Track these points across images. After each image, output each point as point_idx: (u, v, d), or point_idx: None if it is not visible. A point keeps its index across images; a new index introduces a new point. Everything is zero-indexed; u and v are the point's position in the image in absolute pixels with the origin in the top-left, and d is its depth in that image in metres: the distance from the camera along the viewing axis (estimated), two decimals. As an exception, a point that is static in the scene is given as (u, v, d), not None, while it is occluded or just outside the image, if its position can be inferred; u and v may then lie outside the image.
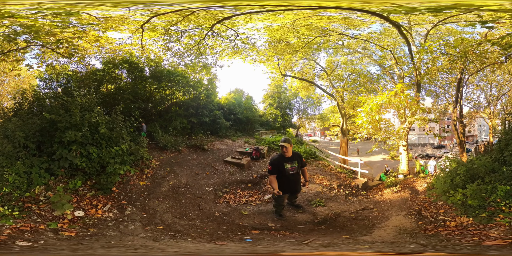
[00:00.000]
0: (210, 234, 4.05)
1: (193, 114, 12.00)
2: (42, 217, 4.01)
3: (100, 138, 6.01)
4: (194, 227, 4.44)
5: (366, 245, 3.40)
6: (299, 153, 5.20)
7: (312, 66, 13.43)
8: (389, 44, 10.63)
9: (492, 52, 8.51)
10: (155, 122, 10.76)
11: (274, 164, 4.78)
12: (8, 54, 7.91)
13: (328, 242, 3.55)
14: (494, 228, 3.40)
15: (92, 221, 4.16)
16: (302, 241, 3.54)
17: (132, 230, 3.87)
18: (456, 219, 4.08)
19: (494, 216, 3.84)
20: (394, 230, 4.12)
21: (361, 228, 4.51)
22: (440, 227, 3.92)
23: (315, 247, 3.29)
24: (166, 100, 12.46)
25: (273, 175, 4.73)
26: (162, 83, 11.69)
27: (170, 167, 7.85)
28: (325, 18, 8.34)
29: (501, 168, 5.02)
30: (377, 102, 7.91)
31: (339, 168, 9.59)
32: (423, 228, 4.04)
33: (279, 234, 4.12)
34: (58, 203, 4.33)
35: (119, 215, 4.61)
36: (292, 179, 4.92)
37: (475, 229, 3.47)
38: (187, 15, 7.26)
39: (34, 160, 5.34)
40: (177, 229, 4.25)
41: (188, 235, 3.91)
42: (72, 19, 6.59)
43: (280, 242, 3.56)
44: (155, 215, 4.91)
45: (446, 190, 5.25)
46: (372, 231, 4.23)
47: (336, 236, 4.01)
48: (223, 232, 4.21)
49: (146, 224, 4.32)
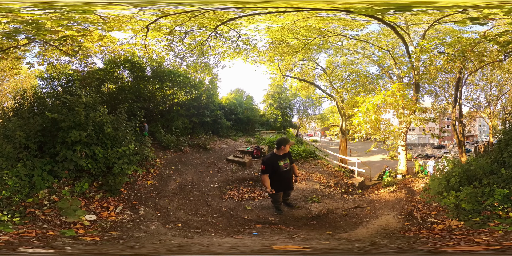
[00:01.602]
0: (224, 229, 4.30)
1: (194, 114, 12.15)
2: (49, 222, 3.75)
3: (105, 138, 5.92)
4: (208, 223, 4.67)
5: (338, 242, 3.42)
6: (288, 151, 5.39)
7: (312, 66, 13.55)
8: (387, 44, 10.73)
9: (491, 51, 8.54)
10: (157, 122, 10.92)
11: (267, 163, 4.94)
12: (8, 51, 7.79)
13: (311, 237, 3.75)
14: (485, 233, 3.18)
15: (108, 224, 4.04)
16: (292, 235, 3.79)
17: (156, 229, 3.96)
18: (446, 222, 3.96)
19: (489, 221, 3.64)
20: (375, 229, 4.19)
21: (347, 225, 4.70)
22: (424, 229, 3.85)
23: (298, 241, 3.47)
24: (167, 100, 12.61)
25: (266, 175, 4.89)
26: (164, 83, 11.84)
27: (175, 166, 8.03)
28: (321, 19, 8.46)
29: (500, 170, 4.92)
30: (373, 102, 8.03)
31: (337, 167, 9.73)
32: (406, 229, 4.02)
33: (277, 227, 4.42)
34: (68, 209, 4.09)
35: (134, 216, 4.59)
36: (286, 176, 5.17)
37: (461, 233, 3.29)
38: (194, 15, 7.34)
39: (36, 161, 5.11)
40: (194, 225, 4.44)
41: (207, 231, 4.09)
42: (78, 17, 6.63)
43: (277, 236, 3.81)
44: (169, 213, 5.04)
45: (440, 192, 5.18)
46: (355, 229, 4.37)
47: (321, 232, 4.21)
48: (233, 226, 4.51)
49: (165, 222, 4.43)
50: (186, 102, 12.40)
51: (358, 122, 8.51)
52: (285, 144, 5.01)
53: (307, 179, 7.81)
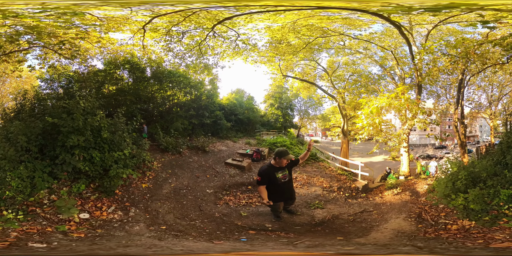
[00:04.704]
0: (209, 234, 4.18)
1: (194, 116, 12.03)
2: (48, 220, 4.10)
3: (103, 142, 6.04)
4: (195, 227, 4.57)
5: (354, 246, 3.37)
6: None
7: (313, 66, 13.38)
8: (390, 44, 10.59)
9: (493, 52, 8.45)
10: (156, 123, 10.79)
11: (263, 175, 4.70)
12: (10, 55, 7.89)
13: (319, 243, 3.60)
14: (499, 231, 3.33)
15: (98, 222, 4.26)
16: (293, 242, 3.58)
17: (138, 230, 3.99)
18: (458, 222, 4.01)
19: (498, 219, 3.79)
20: (391, 232, 4.10)
21: (357, 231, 4.54)
22: (441, 230, 3.89)
23: (302, 247, 3.32)
24: (167, 101, 12.47)
25: (262, 186, 4.66)
26: (163, 84, 11.69)
27: (171, 170, 7.93)
28: (325, 18, 8.29)
29: (503, 172, 4.98)
30: (377, 105, 7.90)
31: (339, 170, 9.62)
32: (422, 231, 3.99)
33: (274, 234, 4.21)
34: (64, 208, 4.41)
35: (124, 217, 4.70)
36: (285, 187, 4.88)
37: (478, 232, 3.40)
38: (188, 15, 7.21)
39: (37, 163, 5.34)
40: (179, 229, 4.37)
41: (189, 235, 4.02)
42: (75, 19, 6.54)
43: (271, 242, 3.62)
44: (158, 216, 5.02)
45: (447, 194, 5.21)
46: (368, 234, 4.24)
47: (330, 238, 4.06)
48: (221, 232, 4.34)
49: (150, 224, 4.42)
50: (185, 103, 12.27)
51: (362, 125, 8.39)
52: (280, 157, 4.67)
53: (308, 184, 7.71)
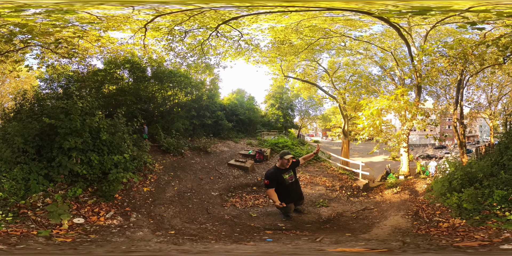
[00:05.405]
0: (228, 236, 4.02)
1: (195, 116, 11.98)
2: (37, 223, 3.94)
3: (102, 144, 5.85)
4: (207, 230, 4.38)
5: (364, 242, 3.59)
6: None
7: (314, 67, 13.42)
8: (390, 45, 10.63)
9: (492, 53, 8.50)
10: (157, 123, 10.72)
11: (271, 178, 4.86)
12: (7, 55, 7.72)
13: (335, 239, 3.75)
14: (484, 230, 3.49)
15: (93, 228, 4.03)
16: (314, 239, 3.68)
17: (142, 235, 3.81)
18: (450, 220, 4.21)
19: (487, 219, 3.93)
20: (389, 229, 4.34)
21: (361, 227, 4.74)
22: (432, 227, 4.07)
23: (327, 244, 3.45)
24: (168, 101, 12.41)
25: (271, 189, 4.79)
26: (164, 83, 11.63)
27: (174, 172, 7.80)
28: (328, 19, 8.31)
29: (500, 172, 5.10)
30: (377, 107, 7.99)
31: (341, 169, 9.67)
32: (416, 227, 4.22)
33: (291, 233, 4.25)
34: (54, 213, 4.24)
35: (124, 222, 4.49)
36: (293, 187, 5.11)
37: (464, 230, 3.59)
38: (194, 14, 7.15)
39: (33, 165, 5.18)
40: (190, 233, 4.17)
41: (206, 238, 3.85)
42: (72, 18, 6.40)
43: (297, 241, 3.66)
44: (163, 221, 4.84)
45: (443, 193, 5.39)
46: (370, 230, 4.45)
47: (340, 234, 4.20)
48: (239, 233, 4.22)
49: (155, 229, 4.23)
50: (186, 103, 12.21)
51: (363, 126, 8.47)
52: (281, 157, 4.97)
53: (312, 183, 7.74)
